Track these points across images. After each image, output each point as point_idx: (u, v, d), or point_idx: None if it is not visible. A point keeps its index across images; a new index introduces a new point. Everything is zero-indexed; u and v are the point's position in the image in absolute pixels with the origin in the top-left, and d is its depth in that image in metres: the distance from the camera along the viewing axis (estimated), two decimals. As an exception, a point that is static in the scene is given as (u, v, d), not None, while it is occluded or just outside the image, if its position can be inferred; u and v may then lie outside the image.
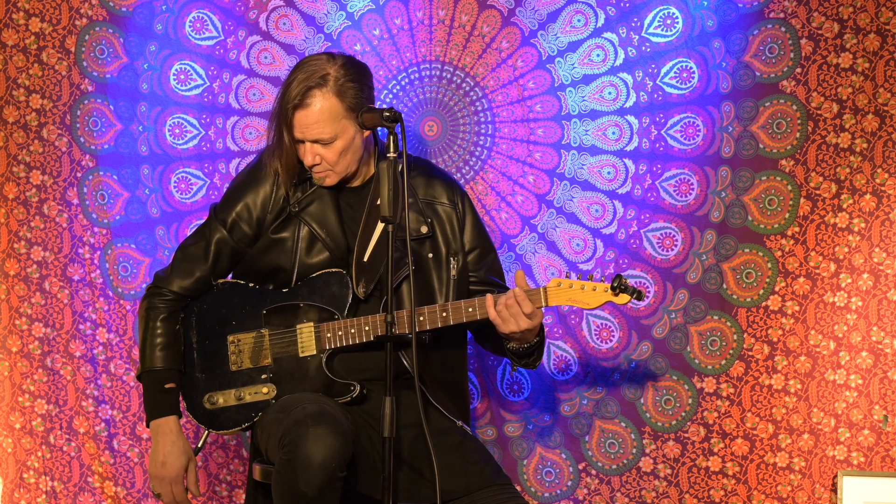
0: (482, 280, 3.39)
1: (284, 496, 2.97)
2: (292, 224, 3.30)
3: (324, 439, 2.93)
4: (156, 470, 3.27)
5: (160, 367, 3.28)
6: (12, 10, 3.99)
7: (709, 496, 3.93)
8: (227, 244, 3.32)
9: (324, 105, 3.15)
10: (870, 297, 3.86)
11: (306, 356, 3.26)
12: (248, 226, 3.31)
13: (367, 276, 3.26)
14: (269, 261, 3.30)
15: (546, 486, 4.01)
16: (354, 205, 3.32)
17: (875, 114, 3.84)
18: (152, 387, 3.29)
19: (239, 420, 3.27)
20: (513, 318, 3.15)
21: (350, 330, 3.23)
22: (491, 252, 3.44)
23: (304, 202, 3.30)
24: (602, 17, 3.94)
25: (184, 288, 3.32)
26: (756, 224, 3.90)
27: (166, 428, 3.28)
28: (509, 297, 3.16)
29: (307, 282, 3.28)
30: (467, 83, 3.99)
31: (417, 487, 3.16)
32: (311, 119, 3.16)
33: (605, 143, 3.97)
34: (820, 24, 3.84)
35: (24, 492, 4.04)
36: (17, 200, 4.02)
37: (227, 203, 3.34)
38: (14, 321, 4.03)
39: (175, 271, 3.34)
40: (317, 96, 3.15)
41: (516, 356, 3.27)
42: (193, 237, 3.38)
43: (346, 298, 3.25)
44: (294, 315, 3.27)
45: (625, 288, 3.16)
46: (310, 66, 3.18)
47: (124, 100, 4.01)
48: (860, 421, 3.87)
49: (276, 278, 3.30)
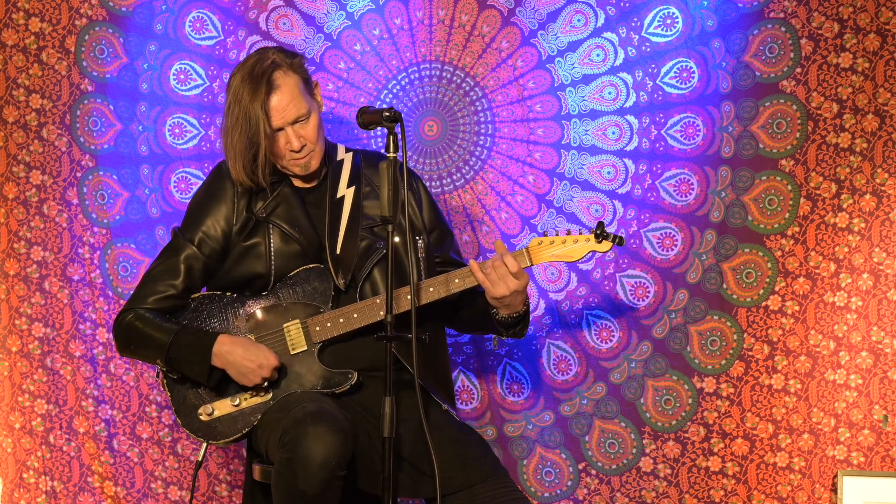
0: (445, 260, 3.43)
1: (285, 495, 2.97)
2: (261, 230, 3.31)
3: (323, 438, 2.93)
4: (257, 374, 3.18)
5: (178, 327, 3.23)
6: (12, 10, 3.99)
7: (709, 496, 3.93)
8: (197, 260, 3.30)
9: (289, 82, 3.21)
10: (870, 297, 3.86)
11: (297, 352, 3.26)
12: (215, 242, 3.31)
13: (343, 267, 3.28)
14: (245, 269, 3.30)
15: (546, 486, 4.01)
16: (317, 202, 3.35)
17: (875, 114, 3.84)
18: (185, 342, 3.21)
19: (238, 427, 3.26)
20: (501, 280, 3.17)
21: (339, 320, 3.24)
22: (450, 233, 3.49)
23: (270, 207, 3.31)
24: (602, 16, 3.94)
25: (158, 302, 3.28)
26: (756, 224, 3.90)
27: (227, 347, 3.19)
28: (495, 258, 3.19)
29: (286, 281, 3.28)
30: (467, 83, 3.99)
31: (417, 483, 3.17)
32: (286, 99, 3.19)
33: (605, 143, 3.97)
34: (820, 23, 3.84)
35: (23, 492, 4.04)
36: (16, 200, 4.02)
37: (191, 222, 3.33)
38: (14, 321, 4.02)
39: (145, 291, 3.30)
40: (280, 77, 3.20)
41: (504, 326, 3.29)
42: (159, 260, 3.35)
43: (328, 291, 3.27)
44: (278, 315, 3.27)
45: (606, 235, 3.19)
46: (248, 64, 3.22)
47: (124, 100, 4.01)
48: (860, 421, 3.87)
49: (253, 285, 3.31)
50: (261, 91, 3.17)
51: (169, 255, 3.33)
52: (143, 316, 3.27)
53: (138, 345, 3.28)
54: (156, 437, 4.04)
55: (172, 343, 3.21)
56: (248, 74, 3.19)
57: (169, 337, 3.21)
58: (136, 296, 3.31)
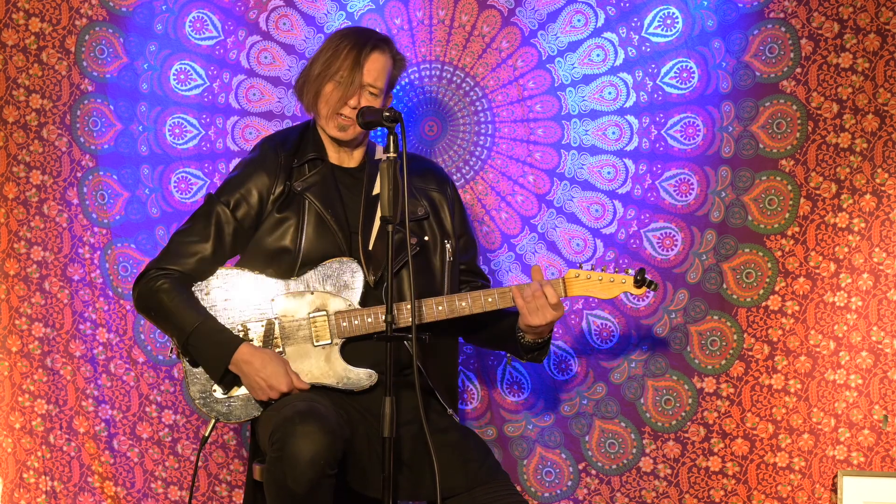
0: (469, 268, 3.45)
1: (275, 494, 2.97)
2: (296, 203, 3.30)
3: (311, 437, 2.93)
4: (265, 394, 3.18)
5: (203, 317, 3.20)
6: (12, 10, 3.99)
7: (709, 496, 3.93)
8: (228, 224, 3.27)
9: (387, 59, 3.34)
10: (870, 297, 3.86)
11: (321, 344, 3.25)
12: (251, 206, 3.29)
13: (374, 263, 3.28)
14: (274, 241, 3.28)
15: (546, 486, 4.01)
16: (352, 188, 3.35)
17: (875, 114, 3.84)
18: (207, 337, 3.19)
19: (249, 411, 3.24)
20: (539, 309, 3.19)
21: (367, 319, 3.23)
22: (474, 243, 3.51)
23: (308, 182, 3.32)
24: (602, 17, 3.94)
25: (185, 266, 3.25)
26: (756, 224, 3.90)
27: (246, 357, 3.18)
28: (535, 287, 3.19)
29: (317, 270, 3.27)
30: (467, 83, 3.99)
31: (418, 486, 3.16)
32: (380, 65, 3.31)
33: (605, 143, 3.97)
34: (820, 24, 3.84)
35: (24, 492, 4.04)
36: (17, 200, 4.02)
37: (228, 186, 3.32)
38: (14, 321, 4.03)
39: (171, 253, 3.26)
40: (386, 51, 3.34)
41: (525, 350, 3.29)
42: (189, 222, 3.31)
43: (358, 287, 3.25)
44: (306, 303, 3.26)
45: (645, 282, 3.23)
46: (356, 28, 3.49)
47: (124, 100, 4.01)
48: (860, 421, 3.87)
49: (280, 260, 3.27)
50: (365, 46, 3.29)
51: (200, 218, 3.30)
52: (173, 288, 3.22)
53: (159, 316, 3.24)
54: (156, 437, 4.04)
55: (194, 332, 3.18)
56: (358, 32, 3.37)
57: (193, 324, 3.18)
58: (165, 254, 3.27)
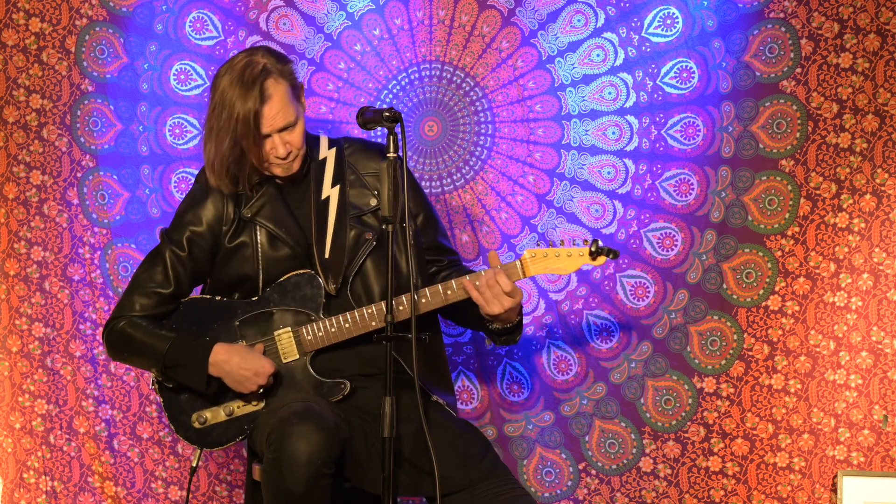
0: (432, 245, 3.42)
1: (273, 494, 2.98)
2: (247, 230, 3.29)
3: (308, 436, 2.93)
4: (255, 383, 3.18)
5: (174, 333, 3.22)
6: (12, 10, 3.99)
7: (709, 496, 3.93)
8: (184, 263, 3.29)
9: (280, 90, 3.18)
10: (870, 297, 3.86)
11: (289, 361, 3.25)
12: (204, 242, 3.29)
13: (333, 271, 3.27)
14: (232, 271, 3.29)
15: (546, 486, 4.01)
16: (299, 198, 3.33)
17: (875, 114, 3.84)
18: (181, 352, 3.20)
19: (231, 435, 3.26)
20: (495, 298, 3.18)
21: (330, 329, 3.23)
22: (436, 219, 3.46)
23: (255, 207, 3.30)
24: (602, 17, 3.94)
25: (146, 307, 3.27)
26: (756, 224, 3.90)
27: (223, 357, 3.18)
28: (488, 276, 3.18)
29: (276, 287, 3.27)
30: (467, 83, 3.99)
31: (418, 482, 3.17)
32: (276, 108, 3.17)
33: (605, 143, 3.97)
34: (820, 24, 3.84)
35: (24, 492, 4.04)
36: (17, 200, 4.02)
37: (178, 223, 3.32)
38: (14, 321, 4.03)
39: (133, 298, 3.28)
40: (272, 86, 3.17)
41: (497, 335, 3.30)
42: (145, 265, 3.33)
43: (319, 298, 3.25)
44: (269, 322, 3.26)
45: (601, 250, 3.21)
46: (237, 67, 3.17)
47: (124, 100, 4.01)
48: (860, 421, 3.87)
49: (243, 287, 3.29)
50: (251, 98, 3.14)
51: (155, 260, 3.31)
52: (136, 322, 3.25)
53: (132, 352, 3.27)
54: (156, 437, 4.04)
55: (169, 351, 3.20)
56: (238, 79, 3.15)
57: (165, 345, 3.21)
58: (124, 302, 3.30)
